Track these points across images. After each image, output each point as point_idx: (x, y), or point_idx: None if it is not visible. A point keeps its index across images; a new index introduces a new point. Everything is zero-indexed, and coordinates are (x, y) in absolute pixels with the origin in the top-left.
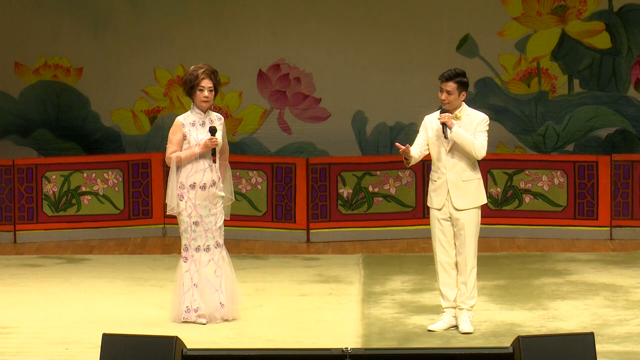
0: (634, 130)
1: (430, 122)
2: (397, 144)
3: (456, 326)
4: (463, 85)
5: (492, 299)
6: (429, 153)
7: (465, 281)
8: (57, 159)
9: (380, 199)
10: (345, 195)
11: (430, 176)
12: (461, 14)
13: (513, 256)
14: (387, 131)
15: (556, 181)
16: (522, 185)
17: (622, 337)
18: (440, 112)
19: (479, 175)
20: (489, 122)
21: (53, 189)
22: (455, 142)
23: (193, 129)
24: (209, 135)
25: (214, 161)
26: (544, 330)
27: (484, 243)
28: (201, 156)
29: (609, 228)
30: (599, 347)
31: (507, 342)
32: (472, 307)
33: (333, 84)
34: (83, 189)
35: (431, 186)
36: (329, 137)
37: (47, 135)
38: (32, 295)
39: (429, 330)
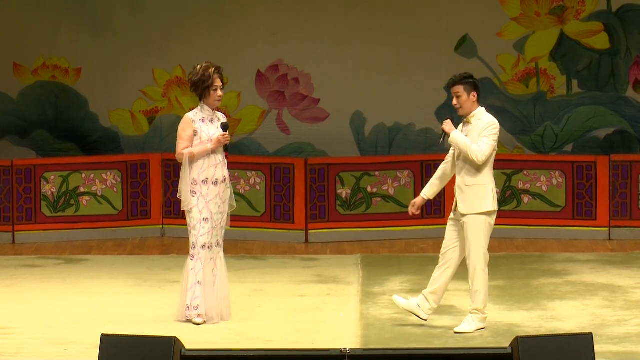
0: (632, 131)
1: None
2: (412, 211)
3: (418, 317)
4: (470, 86)
5: (490, 299)
6: None
7: (471, 282)
8: (55, 159)
9: (379, 199)
10: (343, 195)
11: None
12: (460, 15)
13: (512, 257)
14: (386, 132)
15: (555, 181)
16: (520, 186)
17: (620, 338)
18: (445, 120)
19: (485, 181)
20: (497, 127)
21: (52, 189)
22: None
23: (203, 125)
24: (220, 131)
25: (226, 157)
26: (542, 331)
27: None
28: (213, 152)
29: (607, 228)
30: (597, 348)
31: (505, 343)
32: (476, 310)
33: (332, 85)
34: (82, 189)
35: None
36: (328, 138)
37: (45, 136)
38: (30, 296)
39: (392, 299)
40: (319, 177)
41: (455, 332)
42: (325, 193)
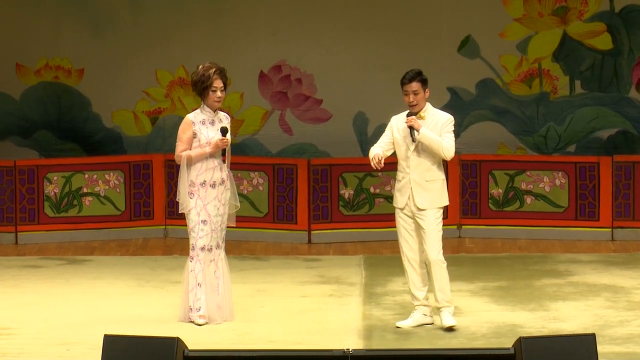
0: (635, 131)
1: (397, 123)
2: (374, 164)
3: (427, 324)
4: (425, 83)
5: (493, 299)
6: (394, 153)
7: (435, 278)
8: (58, 160)
9: (382, 199)
10: (346, 196)
11: (396, 176)
12: (462, 15)
13: (514, 257)
14: None
15: (557, 182)
16: (523, 186)
17: (623, 338)
18: (407, 115)
19: (443, 176)
20: (454, 121)
21: (54, 190)
22: (421, 142)
23: (203, 127)
24: (219, 135)
25: (224, 161)
26: (545, 331)
27: (486, 244)
28: (211, 155)
29: (610, 229)
30: (600, 348)
31: (508, 343)
32: (448, 302)
33: (334, 85)
34: (84, 190)
35: (397, 185)
36: (330, 138)
37: (48, 137)
38: (33, 297)
39: (397, 327)
40: (322, 178)
41: (445, 329)
42: (328, 194)
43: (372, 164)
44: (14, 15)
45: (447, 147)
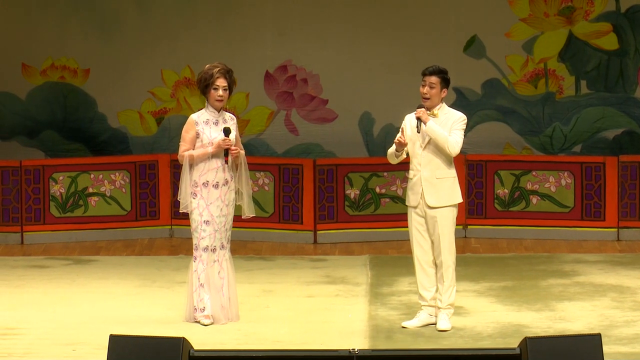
0: None
1: (410, 121)
2: (400, 139)
3: (433, 324)
4: (445, 82)
5: (499, 300)
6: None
7: (442, 279)
8: (64, 160)
9: (387, 200)
10: (352, 196)
11: (408, 174)
12: (468, 15)
13: (520, 257)
14: (394, 132)
15: (563, 182)
16: (529, 187)
17: (629, 339)
18: (417, 107)
19: (454, 173)
20: (466, 121)
21: (60, 190)
22: (430, 138)
23: (207, 127)
24: (222, 135)
25: (226, 162)
26: (551, 332)
27: (492, 244)
28: (213, 155)
29: (616, 229)
30: (606, 349)
31: (514, 343)
32: (450, 305)
33: (340, 85)
34: (90, 190)
35: (408, 184)
36: (336, 139)
37: (54, 137)
38: (39, 297)
39: (403, 327)
40: (328, 178)
41: (439, 331)
42: (334, 194)
43: (395, 142)
44: (20, 15)
45: (453, 142)
